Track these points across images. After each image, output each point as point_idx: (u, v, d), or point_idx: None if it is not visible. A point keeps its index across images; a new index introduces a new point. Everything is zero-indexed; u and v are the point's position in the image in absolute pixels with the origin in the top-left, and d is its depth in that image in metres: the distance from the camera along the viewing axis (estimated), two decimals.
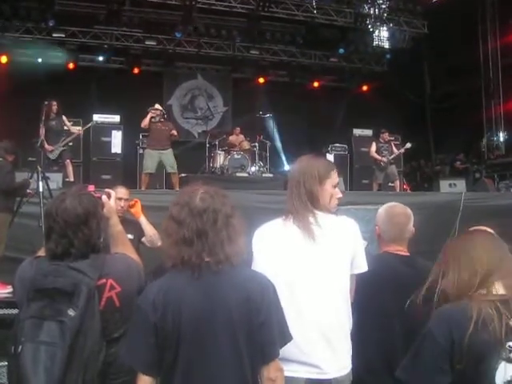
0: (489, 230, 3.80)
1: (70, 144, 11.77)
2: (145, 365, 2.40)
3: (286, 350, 2.71)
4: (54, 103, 11.26)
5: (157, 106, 12.01)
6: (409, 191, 14.73)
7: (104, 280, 2.63)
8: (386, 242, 3.52)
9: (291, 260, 2.84)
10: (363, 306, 3.04)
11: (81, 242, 2.63)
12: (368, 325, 3.20)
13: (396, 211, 3.53)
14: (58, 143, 11.25)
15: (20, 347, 2.41)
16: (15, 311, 4.58)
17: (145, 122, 11.69)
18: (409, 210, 3.54)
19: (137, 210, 5.95)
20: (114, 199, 3.61)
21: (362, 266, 2.98)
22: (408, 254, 3.50)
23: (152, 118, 11.66)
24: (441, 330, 2.26)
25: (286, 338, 2.52)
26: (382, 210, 3.58)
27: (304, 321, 2.80)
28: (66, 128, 11.68)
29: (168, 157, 11.58)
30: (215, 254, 2.42)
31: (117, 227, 3.04)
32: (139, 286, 2.73)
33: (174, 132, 11.91)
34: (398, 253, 3.44)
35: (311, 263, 2.84)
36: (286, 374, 2.72)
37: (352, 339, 2.93)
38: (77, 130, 12.20)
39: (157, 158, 11.43)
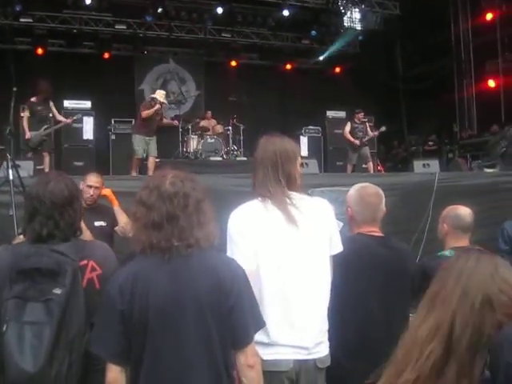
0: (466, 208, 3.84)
1: (51, 132, 11.26)
2: (112, 353, 2.34)
3: (273, 334, 2.74)
4: (43, 84, 10.87)
5: (162, 97, 11.80)
6: (383, 172, 14.79)
7: (85, 261, 2.64)
8: (358, 223, 3.47)
9: (276, 243, 2.80)
10: (340, 288, 3.02)
11: (66, 223, 2.64)
12: (345, 306, 3.19)
13: (368, 191, 3.49)
14: (40, 130, 10.68)
15: (5, 326, 2.37)
16: None
17: (149, 114, 11.36)
18: (380, 190, 3.52)
19: (110, 198, 5.89)
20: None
21: (338, 246, 2.98)
22: (382, 234, 3.47)
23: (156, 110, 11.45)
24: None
25: (259, 322, 2.49)
26: (352, 191, 3.52)
27: (290, 303, 2.79)
28: (51, 115, 11.12)
29: (153, 142, 11.51)
30: (185, 238, 2.38)
31: None
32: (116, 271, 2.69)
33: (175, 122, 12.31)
34: (373, 234, 3.42)
35: (295, 246, 2.81)
36: (275, 356, 2.76)
37: (329, 320, 2.92)
38: (62, 118, 11.45)
39: (145, 144, 11.34)
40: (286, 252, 2.80)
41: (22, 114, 10.57)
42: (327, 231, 2.91)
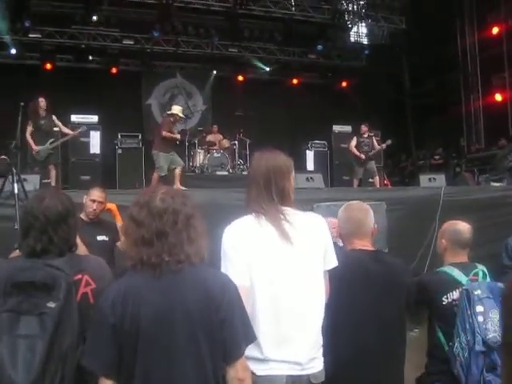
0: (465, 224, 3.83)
1: (58, 145, 11.29)
2: (104, 367, 2.34)
3: (266, 350, 2.72)
4: (42, 99, 10.83)
5: (180, 112, 11.84)
6: (389, 187, 14.76)
7: (80, 276, 2.65)
8: (347, 238, 3.52)
9: (270, 260, 2.78)
10: (333, 303, 3.02)
11: (60, 239, 2.66)
12: (340, 321, 3.18)
13: (351, 207, 3.55)
14: (46, 144, 10.73)
15: None
16: None
17: (168, 135, 11.27)
18: (366, 206, 3.54)
19: (114, 213, 5.92)
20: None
21: (333, 262, 2.96)
22: (373, 249, 3.48)
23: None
24: None
25: (249, 337, 2.48)
26: (341, 209, 3.60)
27: (283, 319, 2.76)
28: (56, 129, 11.16)
29: (176, 155, 11.43)
30: (175, 254, 2.38)
31: None
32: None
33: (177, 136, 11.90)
34: (364, 248, 3.43)
35: (289, 262, 2.79)
36: (269, 372, 2.73)
37: (324, 335, 2.91)
38: (69, 131, 11.44)
39: (169, 160, 11.22)
40: (280, 267, 2.78)
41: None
42: (321, 246, 2.90)
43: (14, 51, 15.99)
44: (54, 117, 11.05)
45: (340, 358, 3.13)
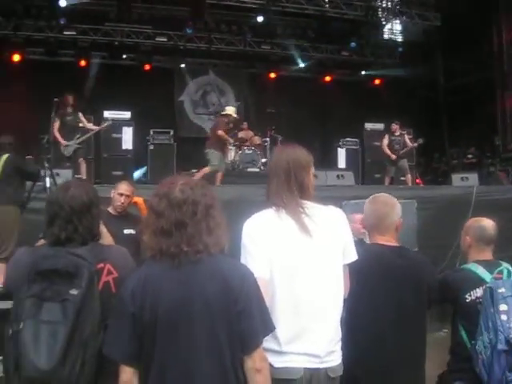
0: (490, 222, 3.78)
1: (85, 140, 11.56)
2: (125, 355, 2.38)
3: (284, 342, 2.73)
4: (70, 96, 11.14)
5: (234, 113, 12.14)
6: (421, 185, 14.63)
7: (102, 264, 2.69)
8: (369, 230, 3.52)
9: (289, 253, 2.79)
10: (353, 298, 3.01)
11: (85, 228, 2.72)
12: (358, 316, 3.17)
13: (377, 200, 3.50)
14: (73, 140, 11.10)
15: (21, 324, 2.42)
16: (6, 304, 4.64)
17: (222, 132, 11.68)
18: (391, 200, 3.48)
19: (141, 207, 5.99)
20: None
21: (352, 255, 2.96)
22: (396, 244, 3.44)
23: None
24: None
25: (268, 327, 2.49)
26: (367, 200, 3.56)
27: (302, 312, 2.77)
28: (81, 125, 11.50)
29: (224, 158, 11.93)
30: (194, 244, 2.40)
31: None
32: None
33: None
34: (386, 243, 3.40)
35: (308, 255, 2.80)
36: (286, 364, 2.74)
37: (342, 330, 2.91)
38: (94, 126, 11.94)
39: (222, 160, 11.67)
40: (299, 260, 2.79)
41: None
42: (341, 240, 2.90)
43: None
44: (80, 114, 11.40)
45: (359, 354, 3.12)
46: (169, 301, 2.35)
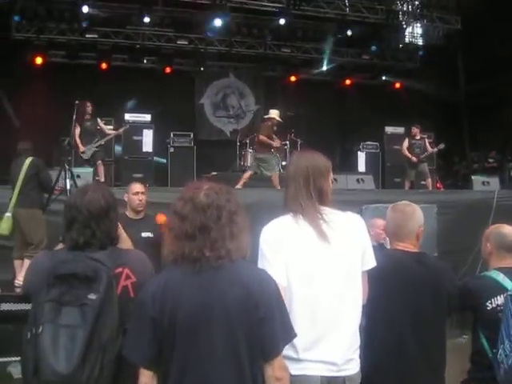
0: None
1: (103, 144, 11.91)
2: (145, 359, 2.39)
3: (302, 349, 2.71)
4: (88, 104, 11.50)
5: (276, 115, 12.22)
6: (442, 189, 14.54)
7: (121, 269, 2.71)
8: (389, 237, 3.56)
9: (307, 259, 2.79)
10: (372, 304, 3.00)
11: (103, 232, 2.74)
12: (377, 323, 3.16)
13: (396, 208, 3.52)
14: (91, 143, 11.48)
15: (40, 328, 2.43)
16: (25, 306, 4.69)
17: (265, 137, 11.83)
18: (410, 208, 3.48)
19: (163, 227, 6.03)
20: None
21: (371, 262, 2.95)
22: (417, 250, 3.43)
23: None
24: None
25: (289, 335, 2.47)
26: (388, 208, 3.58)
27: (319, 319, 2.77)
28: (98, 128, 11.89)
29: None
30: (216, 249, 2.40)
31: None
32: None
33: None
34: (406, 249, 3.39)
35: (326, 262, 2.80)
36: (304, 372, 2.73)
37: (360, 337, 2.90)
38: (111, 131, 12.42)
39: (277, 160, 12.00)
40: (317, 267, 2.78)
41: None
42: (359, 247, 2.89)
43: None
44: (98, 119, 11.91)
45: (377, 361, 3.11)
46: (188, 306, 2.35)
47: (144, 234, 5.66)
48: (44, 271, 2.58)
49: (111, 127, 12.88)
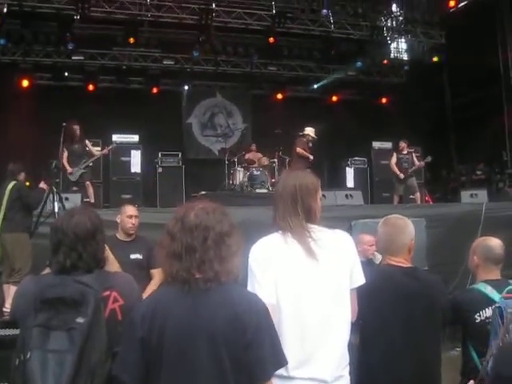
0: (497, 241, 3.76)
1: (90, 165, 11.89)
2: (134, 378, 2.36)
3: (291, 367, 2.69)
4: (77, 127, 11.47)
5: (312, 133, 12.73)
6: (430, 203, 14.59)
7: (108, 292, 2.70)
8: (381, 252, 3.59)
9: (296, 278, 2.79)
10: (366, 320, 2.99)
11: (89, 255, 2.73)
12: (369, 339, 3.16)
13: (388, 222, 3.52)
14: (79, 165, 11.46)
15: (29, 354, 2.41)
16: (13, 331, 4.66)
17: (300, 152, 12.55)
18: (402, 222, 3.49)
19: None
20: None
21: (360, 280, 2.94)
22: (409, 265, 3.44)
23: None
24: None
25: (279, 361, 2.42)
26: (380, 222, 3.57)
27: (308, 337, 2.76)
28: (87, 149, 11.88)
29: None
30: (203, 271, 2.38)
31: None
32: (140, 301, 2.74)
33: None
34: (399, 264, 3.39)
35: (315, 281, 2.80)
36: None
37: (354, 351, 2.89)
38: (98, 152, 12.37)
39: None
40: (305, 285, 2.78)
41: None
42: (347, 264, 2.89)
43: None
44: (86, 141, 11.90)
45: (371, 378, 3.10)
46: (175, 327, 2.33)
47: (133, 256, 5.64)
48: (31, 296, 2.56)
49: (99, 148, 12.86)
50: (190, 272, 2.38)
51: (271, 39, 16.53)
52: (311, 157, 12.50)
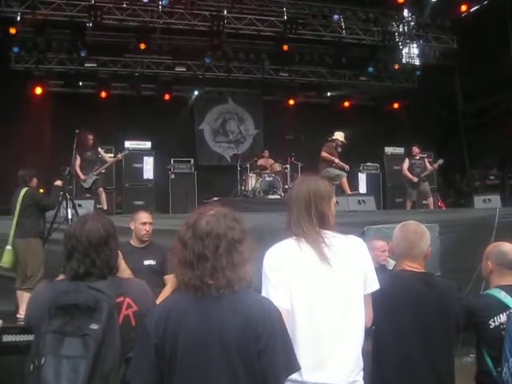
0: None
1: (103, 171, 11.95)
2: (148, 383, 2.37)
3: (305, 373, 2.69)
4: (91, 137, 11.59)
5: (342, 138, 12.96)
6: (443, 208, 14.52)
7: (122, 298, 2.71)
8: (398, 257, 3.53)
9: (310, 283, 2.79)
10: (379, 326, 2.99)
11: (102, 261, 2.74)
12: (384, 345, 3.14)
13: (407, 228, 3.50)
14: (92, 172, 11.54)
15: (43, 359, 2.43)
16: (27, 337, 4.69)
17: (327, 156, 12.70)
18: (421, 228, 3.49)
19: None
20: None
21: (374, 285, 2.95)
22: (424, 271, 3.43)
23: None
24: None
25: (292, 367, 2.42)
26: (397, 227, 3.56)
27: (322, 342, 2.76)
28: (100, 156, 11.96)
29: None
30: (216, 278, 2.37)
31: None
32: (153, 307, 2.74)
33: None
34: (413, 270, 3.38)
35: (329, 286, 2.80)
36: None
37: (368, 358, 2.88)
38: (110, 158, 12.41)
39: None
40: (319, 291, 2.78)
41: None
42: (361, 270, 2.89)
43: None
44: (99, 148, 11.97)
45: (385, 381, 3.09)
46: (189, 334, 2.33)
47: (146, 262, 5.66)
48: (45, 302, 2.58)
49: (111, 155, 12.92)
50: (202, 280, 2.38)
51: (285, 46, 16.56)
52: (336, 160, 12.74)
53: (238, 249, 2.44)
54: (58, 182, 8.12)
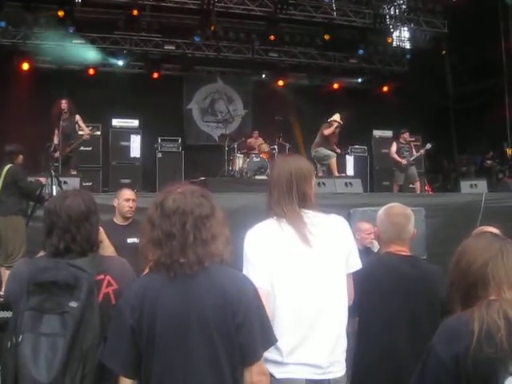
0: (495, 230, 3.74)
1: (77, 148, 10.98)
2: (124, 366, 2.36)
3: (286, 353, 2.70)
4: (63, 101, 10.74)
5: (337, 118, 12.88)
6: (430, 192, 14.56)
7: (102, 276, 2.68)
8: (385, 242, 3.49)
9: (291, 263, 2.78)
10: (365, 307, 2.98)
11: (83, 237, 2.70)
12: (370, 327, 3.14)
13: (394, 211, 3.48)
14: (65, 150, 10.45)
15: (20, 337, 2.41)
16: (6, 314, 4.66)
17: (330, 132, 12.64)
18: (408, 211, 3.48)
19: None
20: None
21: (356, 264, 2.94)
22: (410, 254, 3.42)
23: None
24: (443, 346, 2.02)
25: (269, 340, 2.44)
26: (381, 210, 3.54)
27: (302, 322, 2.76)
28: (81, 132, 11.01)
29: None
30: (186, 256, 2.36)
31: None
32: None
33: None
34: (400, 253, 3.37)
35: (310, 266, 2.79)
36: (288, 375, 2.73)
37: (352, 338, 2.88)
38: (82, 132, 11.08)
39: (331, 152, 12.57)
40: (300, 271, 2.78)
41: None
42: (343, 249, 2.88)
43: None
44: (77, 117, 10.92)
45: (370, 366, 3.09)
46: (166, 314, 2.32)
47: (130, 240, 5.61)
48: (24, 279, 2.55)
49: (99, 133, 12.78)
50: (172, 258, 2.36)
51: (272, 37, 16.58)
52: (338, 150, 12.91)
53: (207, 225, 2.41)
54: (42, 179, 7.97)
